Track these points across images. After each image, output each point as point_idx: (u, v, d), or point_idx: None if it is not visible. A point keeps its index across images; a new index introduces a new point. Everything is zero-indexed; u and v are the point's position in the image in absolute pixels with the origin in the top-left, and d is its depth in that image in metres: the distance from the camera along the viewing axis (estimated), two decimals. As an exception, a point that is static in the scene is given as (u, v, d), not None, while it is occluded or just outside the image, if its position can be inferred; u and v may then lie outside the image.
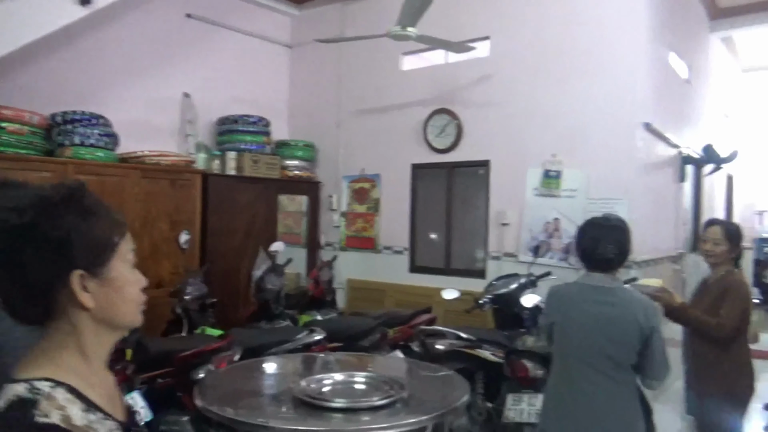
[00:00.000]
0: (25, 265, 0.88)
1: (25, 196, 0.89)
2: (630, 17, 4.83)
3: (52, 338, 0.93)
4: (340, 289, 6.39)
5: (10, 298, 0.91)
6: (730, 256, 3.00)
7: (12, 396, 0.84)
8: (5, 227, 0.87)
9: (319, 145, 6.86)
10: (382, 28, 4.82)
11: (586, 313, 2.32)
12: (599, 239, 2.34)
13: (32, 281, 0.89)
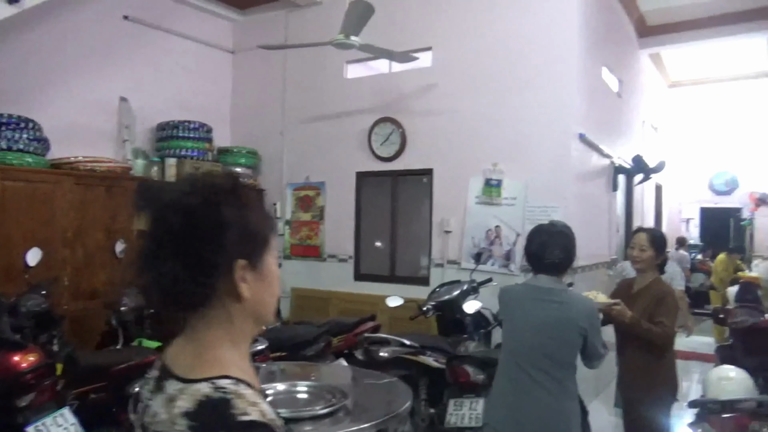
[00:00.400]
0: (198, 247, 0.87)
1: (198, 182, 0.92)
2: (564, 33, 5.04)
3: (206, 331, 0.92)
4: (284, 298, 6.33)
5: (179, 280, 0.87)
6: (655, 262, 3.13)
7: (200, 397, 0.83)
8: (180, 208, 0.88)
9: (263, 152, 6.78)
10: (326, 36, 4.83)
11: (533, 313, 2.43)
12: (547, 244, 2.45)
13: (203, 264, 0.88)
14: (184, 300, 0.91)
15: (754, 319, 3.41)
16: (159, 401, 0.90)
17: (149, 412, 0.92)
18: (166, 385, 0.90)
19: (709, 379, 2.66)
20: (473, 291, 4.65)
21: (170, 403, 0.87)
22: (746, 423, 2.51)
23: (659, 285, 3.09)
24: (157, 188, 0.95)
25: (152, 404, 0.91)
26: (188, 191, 0.90)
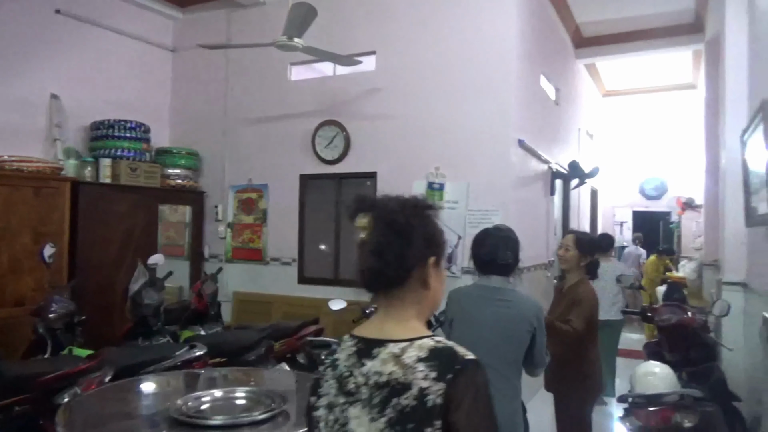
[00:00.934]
0: (411, 244, 1.19)
1: (406, 200, 1.26)
2: (503, 42, 5.18)
3: (402, 309, 1.22)
4: (226, 303, 6.19)
5: (394, 266, 1.18)
6: (580, 263, 3.26)
7: (429, 347, 1.13)
8: (403, 217, 1.20)
9: (204, 153, 6.64)
10: (269, 36, 4.78)
11: (485, 311, 2.49)
12: (498, 246, 2.53)
13: (412, 256, 1.19)
14: (394, 280, 1.20)
15: (678, 317, 3.60)
16: (378, 362, 1.15)
17: (361, 373, 1.16)
18: (381, 349, 1.16)
19: (636, 375, 2.80)
20: (416, 293, 4.70)
21: (398, 357, 1.13)
22: (669, 415, 2.65)
23: (581, 287, 3.23)
24: (375, 199, 1.28)
25: (365, 368, 1.16)
26: (403, 204, 1.24)
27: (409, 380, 1.08)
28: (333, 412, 1.18)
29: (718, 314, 3.60)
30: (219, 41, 6.40)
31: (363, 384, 1.14)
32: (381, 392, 1.11)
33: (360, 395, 1.14)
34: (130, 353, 3.71)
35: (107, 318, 5.13)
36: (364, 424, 1.11)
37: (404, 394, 1.07)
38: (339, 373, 1.20)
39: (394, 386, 1.10)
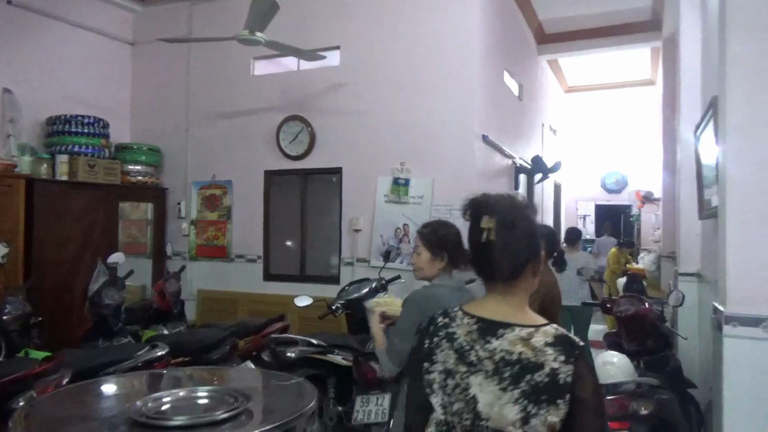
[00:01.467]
0: (532, 240, 1.38)
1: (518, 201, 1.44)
2: (466, 38, 5.22)
3: (515, 296, 1.40)
4: (190, 301, 6.10)
5: (516, 260, 1.37)
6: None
7: (554, 333, 1.32)
8: (524, 217, 1.39)
9: (166, 149, 6.51)
10: (231, 30, 4.71)
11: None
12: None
13: (531, 250, 1.38)
14: (517, 273, 1.38)
15: (636, 308, 3.69)
16: (506, 342, 1.33)
17: (485, 348, 1.35)
18: (507, 332, 1.35)
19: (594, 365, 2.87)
20: (382, 288, 4.70)
21: (527, 341, 1.32)
22: (627, 403, 2.72)
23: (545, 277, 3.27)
24: (491, 202, 1.43)
25: (490, 345, 1.34)
26: (515, 205, 1.41)
27: (541, 361, 1.29)
28: (452, 378, 1.37)
29: (673, 305, 3.72)
30: (180, 35, 6.28)
31: (486, 358, 1.34)
32: (511, 368, 1.31)
33: (483, 367, 1.34)
34: (90, 355, 3.62)
35: (66, 319, 5.01)
36: (490, 392, 1.32)
37: (537, 372, 1.29)
38: (459, 345, 1.38)
39: (526, 365, 1.30)
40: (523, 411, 1.28)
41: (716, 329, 2.19)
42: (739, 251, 2.09)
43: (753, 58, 2.08)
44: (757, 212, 2.08)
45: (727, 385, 2.09)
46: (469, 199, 1.49)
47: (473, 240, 1.44)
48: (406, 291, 4.91)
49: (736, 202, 2.10)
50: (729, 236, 2.10)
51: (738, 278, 2.08)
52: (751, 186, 2.09)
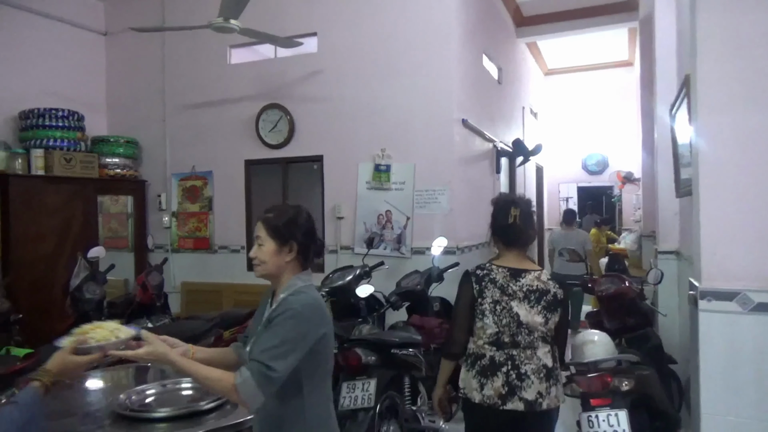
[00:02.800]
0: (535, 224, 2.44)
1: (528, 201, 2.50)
2: (443, 21, 5.19)
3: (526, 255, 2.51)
4: (174, 294, 6.07)
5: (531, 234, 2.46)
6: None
7: (549, 273, 2.42)
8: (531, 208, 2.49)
9: (144, 141, 6.42)
10: (206, 17, 4.64)
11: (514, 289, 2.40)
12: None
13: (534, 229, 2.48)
14: (530, 241, 2.43)
15: (616, 286, 3.75)
16: (527, 279, 2.35)
17: (517, 284, 2.35)
18: (527, 274, 2.36)
19: (576, 344, 2.90)
20: (366, 275, 4.72)
21: (539, 278, 2.35)
22: (608, 380, 2.77)
23: None
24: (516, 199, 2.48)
25: (519, 282, 2.35)
26: (527, 202, 2.48)
27: (548, 288, 2.33)
28: (499, 304, 2.34)
29: (652, 282, 3.78)
30: (153, 23, 6.18)
31: (518, 290, 2.35)
32: (534, 294, 2.34)
33: (517, 296, 2.34)
34: (72, 350, 3.57)
35: (46, 315, 4.94)
36: (524, 309, 2.32)
37: (547, 295, 2.33)
38: (500, 284, 2.36)
39: (542, 291, 2.34)
40: (544, 317, 2.32)
41: (692, 304, 2.23)
42: (712, 227, 2.12)
43: (723, 34, 2.10)
44: (729, 188, 2.11)
45: (703, 357, 2.13)
46: (500, 195, 2.49)
47: (502, 221, 2.43)
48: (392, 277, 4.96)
49: (709, 179, 2.13)
50: (702, 213, 2.13)
51: (712, 254, 2.12)
52: (723, 162, 2.12)
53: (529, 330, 2.31)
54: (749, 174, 2.08)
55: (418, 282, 4.54)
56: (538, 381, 2.28)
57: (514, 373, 2.30)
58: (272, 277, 1.97)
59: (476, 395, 2.35)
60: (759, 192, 2.06)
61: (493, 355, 2.34)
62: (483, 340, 2.37)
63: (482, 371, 2.35)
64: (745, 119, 2.08)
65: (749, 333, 2.03)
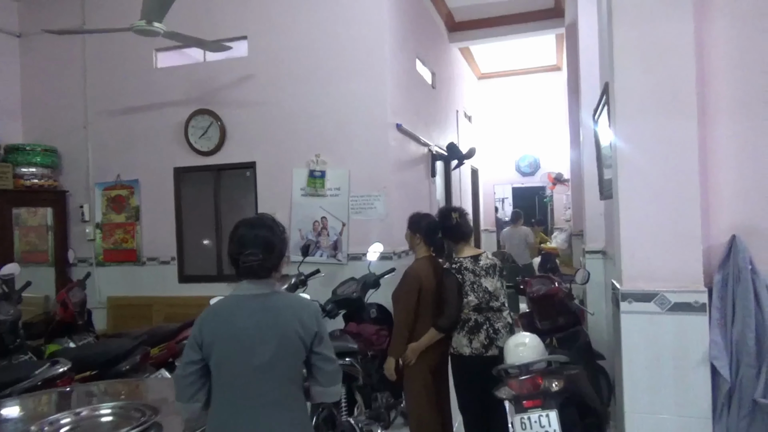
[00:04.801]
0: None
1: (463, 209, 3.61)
2: (376, 26, 5.18)
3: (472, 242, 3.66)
4: (99, 309, 5.77)
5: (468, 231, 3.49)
6: (416, 241, 3.49)
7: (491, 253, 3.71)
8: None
9: (64, 149, 6.08)
10: (129, 18, 4.42)
11: (242, 327, 1.99)
12: (246, 243, 2.04)
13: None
14: (470, 236, 3.53)
15: (546, 287, 3.85)
16: (484, 260, 3.36)
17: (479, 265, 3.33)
18: (483, 256, 3.40)
19: (508, 347, 2.94)
20: (301, 284, 4.64)
21: (488, 257, 3.41)
22: (539, 382, 2.81)
23: (414, 264, 3.50)
24: (457, 207, 3.61)
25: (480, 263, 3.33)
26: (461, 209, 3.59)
27: (495, 263, 3.31)
28: (475, 283, 3.22)
29: (580, 282, 3.89)
30: (72, 24, 5.87)
31: (481, 270, 3.25)
32: (491, 269, 3.30)
33: (481, 274, 3.24)
34: (-19, 377, 3.32)
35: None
36: (489, 281, 3.23)
37: (496, 267, 3.31)
38: (471, 269, 3.24)
39: (493, 265, 3.32)
40: (501, 283, 3.28)
41: (614, 305, 2.30)
42: (631, 229, 2.19)
43: (638, 45, 2.18)
44: (647, 192, 2.18)
45: (626, 357, 2.20)
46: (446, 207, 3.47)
47: (448, 224, 3.42)
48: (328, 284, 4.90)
49: (627, 183, 2.20)
50: (622, 215, 2.20)
51: (631, 256, 2.19)
52: (641, 167, 2.19)
53: (496, 296, 3.30)
54: (665, 178, 2.16)
55: (354, 289, 4.50)
56: (506, 333, 3.25)
57: (491, 329, 3.24)
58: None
59: (466, 350, 3.25)
60: (674, 195, 2.15)
61: (476, 318, 3.25)
62: (468, 309, 3.27)
63: (470, 331, 3.26)
64: (660, 125, 2.16)
65: (668, 333, 2.10)
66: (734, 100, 2.21)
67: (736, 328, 2.06)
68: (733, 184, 2.19)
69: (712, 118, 2.21)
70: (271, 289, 2.08)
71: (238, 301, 2.05)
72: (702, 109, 2.18)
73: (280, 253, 2.12)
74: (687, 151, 2.12)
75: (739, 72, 2.21)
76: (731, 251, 2.12)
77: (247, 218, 2.17)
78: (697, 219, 2.11)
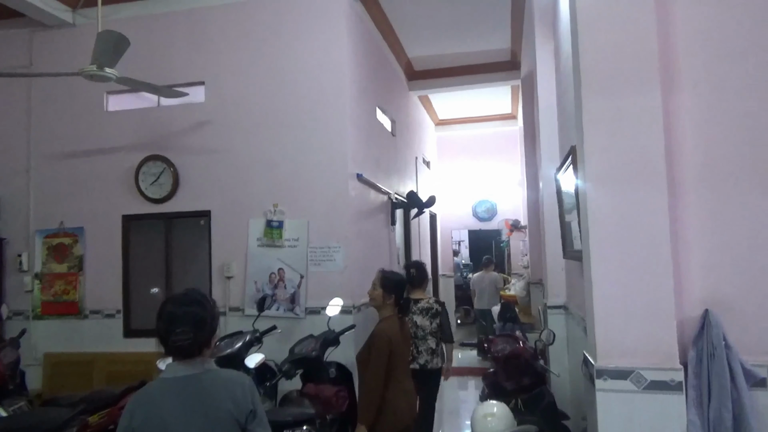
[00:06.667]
0: None
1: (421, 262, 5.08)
2: (336, 74, 5.13)
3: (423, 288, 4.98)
4: (34, 367, 5.35)
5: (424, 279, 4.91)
6: (386, 301, 3.38)
7: (434, 299, 5.21)
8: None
9: (2, 194, 5.71)
10: (80, 62, 4.22)
11: (172, 412, 1.91)
12: (175, 320, 1.96)
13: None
14: (424, 284, 4.91)
15: (511, 347, 3.77)
16: (423, 302, 4.65)
17: (416, 306, 4.61)
18: (420, 300, 4.67)
19: (476, 417, 2.82)
20: (257, 342, 4.42)
21: (428, 302, 4.69)
22: (509, 455, 2.69)
23: (378, 325, 3.34)
24: (413, 263, 5.15)
25: (419, 304, 4.63)
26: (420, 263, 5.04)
27: (432, 306, 4.60)
28: (411, 316, 4.45)
29: (546, 343, 3.83)
30: (18, 65, 5.62)
31: (417, 309, 4.55)
32: (425, 311, 4.57)
33: (417, 311, 4.54)
34: None
35: None
36: (420, 318, 4.53)
37: (432, 310, 4.57)
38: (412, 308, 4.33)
39: (428, 308, 4.58)
40: (430, 321, 4.54)
41: (588, 381, 2.21)
42: (604, 304, 2.13)
43: (608, 115, 2.16)
44: (620, 263, 2.14)
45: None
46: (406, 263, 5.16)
47: (408, 275, 4.61)
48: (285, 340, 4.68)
49: (601, 254, 2.15)
50: (595, 289, 2.14)
51: (605, 330, 2.12)
52: (613, 237, 2.15)
53: (423, 329, 4.54)
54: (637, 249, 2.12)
55: (313, 347, 4.30)
56: (426, 354, 4.52)
57: (415, 350, 4.49)
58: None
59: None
60: (646, 267, 2.11)
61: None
62: None
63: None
64: (631, 195, 2.13)
65: (645, 411, 2.03)
66: (702, 171, 2.21)
67: (713, 406, 2.00)
68: (704, 256, 2.18)
69: (682, 188, 2.20)
70: (202, 368, 2.01)
71: (167, 384, 1.98)
72: (672, 179, 2.17)
73: (212, 329, 2.05)
74: (658, 221, 2.09)
75: (705, 143, 2.22)
76: (704, 326, 2.08)
77: (175, 294, 2.10)
78: (671, 293, 2.07)
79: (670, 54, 2.23)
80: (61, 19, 5.60)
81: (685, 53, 2.23)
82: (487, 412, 2.81)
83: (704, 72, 2.25)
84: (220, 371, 2.08)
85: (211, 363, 2.06)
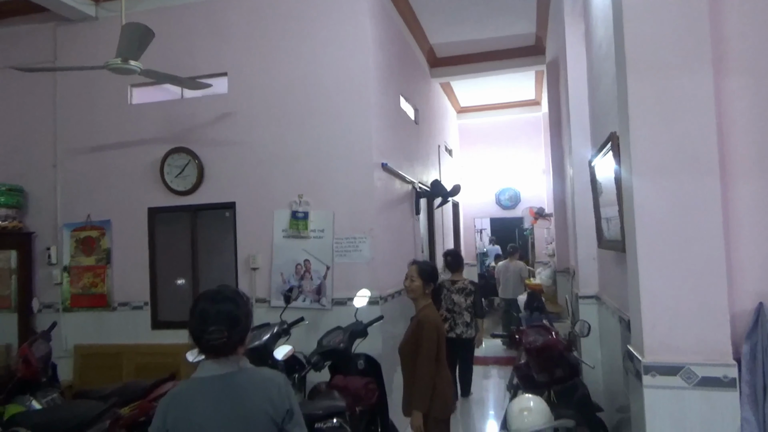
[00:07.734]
0: None
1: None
2: (360, 63, 5.05)
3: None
4: (64, 359, 5.42)
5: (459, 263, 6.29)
6: (425, 291, 3.46)
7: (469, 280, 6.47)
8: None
9: (30, 188, 5.77)
10: (103, 55, 4.24)
11: (205, 413, 1.88)
12: (207, 320, 1.92)
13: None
14: (460, 268, 6.21)
15: (543, 338, 3.69)
16: (459, 283, 6.00)
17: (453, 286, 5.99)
18: (457, 281, 6.04)
19: (511, 412, 2.76)
20: (284, 333, 4.40)
21: (464, 281, 6.06)
22: (546, 451, 2.63)
23: (424, 311, 3.41)
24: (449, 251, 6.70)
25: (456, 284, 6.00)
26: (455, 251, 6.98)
27: (466, 286, 5.92)
28: (445, 293, 5.91)
29: (580, 334, 3.74)
30: (43, 60, 5.64)
31: (454, 289, 5.91)
32: (461, 290, 5.89)
33: (454, 290, 5.89)
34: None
35: None
36: (456, 296, 5.85)
37: (466, 289, 5.90)
38: (447, 287, 5.91)
39: (464, 287, 5.92)
40: (465, 298, 5.85)
41: (635, 377, 2.13)
42: (652, 297, 2.04)
43: (655, 99, 2.06)
44: (668, 256, 2.05)
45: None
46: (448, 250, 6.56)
47: (445, 261, 6.28)
48: (312, 331, 4.67)
49: (648, 248, 2.05)
50: (642, 283, 2.05)
51: (652, 326, 2.04)
52: (661, 229, 2.06)
53: (459, 305, 5.73)
54: (687, 241, 2.03)
55: (341, 339, 4.27)
56: (462, 326, 5.72)
57: (453, 322, 5.73)
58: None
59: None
60: (697, 260, 2.01)
61: (446, 315, 5.71)
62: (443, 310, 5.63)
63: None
64: (682, 185, 2.04)
65: (696, 409, 1.94)
66: (757, 158, 2.10)
67: (768, 404, 1.91)
68: (757, 247, 2.07)
69: (734, 176, 2.09)
70: (236, 367, 1.96)
71: (201, 385, 1.93)
72: (723, 167, 2.07)
73: (245, 328, 2.00)
74: (710, 212, 1.99)
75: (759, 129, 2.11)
76: (758, 320, 1.98)
77: (208, 291, 2.04)
78: (724, 286, 1.97)
79: (722, 35, 2.11)
80: (84, 13, 5.60)
81: (737, 35, 2.11)
82: (524, 407, 2.75)
83: (758, 55, 2.13)
84: (255, 370, 2.03)
85: (245, 361, 2.02)
